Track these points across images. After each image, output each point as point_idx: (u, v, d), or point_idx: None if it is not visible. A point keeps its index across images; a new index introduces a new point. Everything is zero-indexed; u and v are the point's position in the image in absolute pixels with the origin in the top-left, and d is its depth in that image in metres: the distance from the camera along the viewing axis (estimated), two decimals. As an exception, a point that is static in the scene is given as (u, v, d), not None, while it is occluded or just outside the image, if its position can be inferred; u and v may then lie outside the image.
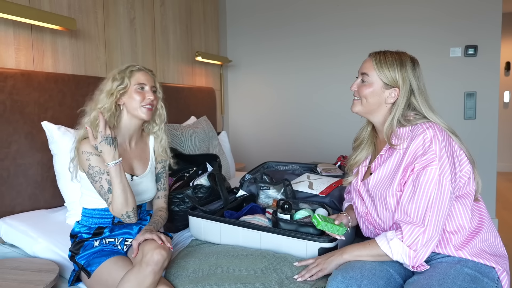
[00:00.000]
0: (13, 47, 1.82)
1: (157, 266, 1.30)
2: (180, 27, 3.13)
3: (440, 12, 3.33)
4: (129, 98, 1.55)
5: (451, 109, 3.38)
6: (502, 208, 4.15)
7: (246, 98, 3.98)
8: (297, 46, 3.76)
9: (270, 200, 1.91)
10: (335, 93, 3.65)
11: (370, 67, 1.38)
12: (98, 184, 1.48)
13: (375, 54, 1.40)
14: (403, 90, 1.35)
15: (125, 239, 1.57)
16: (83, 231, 1.55)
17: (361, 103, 1.40)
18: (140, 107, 1.55)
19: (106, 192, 1.47)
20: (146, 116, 1.56)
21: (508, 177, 5.66)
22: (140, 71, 1.58)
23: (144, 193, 1.63)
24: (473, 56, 3.30)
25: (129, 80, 1.54)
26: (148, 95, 1.56)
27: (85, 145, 1.48)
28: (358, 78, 1.42)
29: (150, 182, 1.65)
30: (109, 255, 1.48)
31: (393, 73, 1.35)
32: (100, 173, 1.47)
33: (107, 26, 2.38)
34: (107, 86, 1.54)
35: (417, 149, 1.26)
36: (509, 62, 5.97)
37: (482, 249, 1.29)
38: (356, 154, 1.51)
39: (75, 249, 1.52)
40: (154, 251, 1.31)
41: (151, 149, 1.69)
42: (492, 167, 3.35)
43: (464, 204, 1.31)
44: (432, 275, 1.22)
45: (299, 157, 3.70)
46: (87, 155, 1.47)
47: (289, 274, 1.37)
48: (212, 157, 2.21)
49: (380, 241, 1.28)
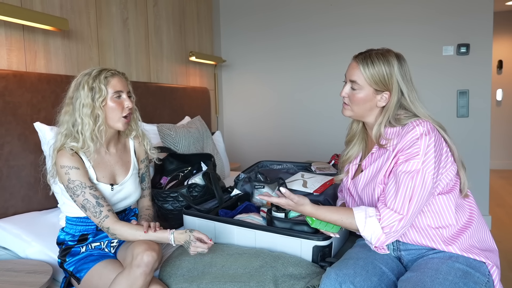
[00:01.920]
0: (5, 48, 1.81)
1: (147, 267, 1.29)
2: (173, 27, 3.13)
3: (433, 10, 3.35)
4: (107, 108, 1.45)
5: (444, 107, 3.40)
6: (495, 205, 4.18)
7: (241, 98, 3.99)
8: (291, 46, 3.76)
9: (264, 199, 1.92)
10: (329, 92, 3.67)
11: (358, 74, 1.34)
12: (81, 198, 1.40)
13: (361, 59, 1.34)
14: (393, 92, 1.33)
15: (110, 241, 1.55)
16: (68, 239, 1.52)
17: (352, 109, 1.39)
18: (119, 118, 1.47)
19: (95, 205, 1.40)
20: (123, 128, 1.49)
21: (501, 175, 5.71)
22: (115, 76, 1.47)
23: (126, 198, 1.57)
24: (466, 54, 3.32)
25: (106, 88, 1.44)
26: (126, 103, 1.47)
27: (63, 159, 1.41)
28: (347, 84, 1.39)
29: (133, 185, 1.59)
30: (97, 259, 1.46)
31: (382, 77, 1.32)
32: (82, 187, 1.40)
33: (100, 26, 2.37)
34: (84, 99, 1.42)
35: (404, 144, 1.27)
36: (501, 61, 6.01)
37: (471, 244, 1.30)
38: (348, 149, 1.51)
39: (62, 256, 1.51)
40: (144, 253, 1.30)
41: (132, 151, 1.63)
42: (485, 165, 3.38)
43: (449, 200, 1.31)
44: (424, 271, 1.23)
45: (294, 156, 3.71)
46: (66, 169, 1.40)
47: (284, 272, 1.37)
48: (206, 157, 2.21)
49: (358, 214, 1.28)
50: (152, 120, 2.65)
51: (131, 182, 1.58)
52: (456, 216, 1.31)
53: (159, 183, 2.09)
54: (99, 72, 1.45)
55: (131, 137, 1.63)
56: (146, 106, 2.67)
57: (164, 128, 2.35)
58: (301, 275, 1.37)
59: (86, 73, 1.47)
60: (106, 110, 1.45)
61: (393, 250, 1.40)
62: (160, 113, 2.81)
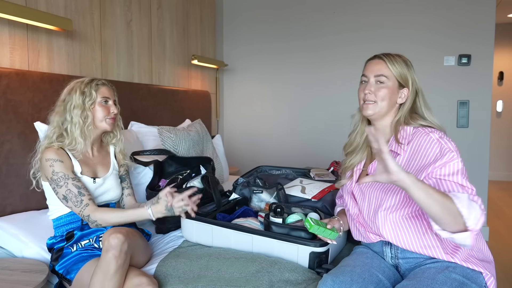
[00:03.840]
0: (8, 46, 1.82)
1: (115, 250, 1.32)
2: (176, 30, 3.14)
3: (435, 21, 3.37)
4: (95, 110, 1.62)
5: (444, 117, 3.40)
6: (494, 217, 4.18)
7: (241, 102, 3.99)
8: (293, 51, 3.78)
9: (262, 203, 1.92)
10: (330, 99, 3.68)
11: (384, 68, 1.39)
12: (64, 189, 1.51)
13: (385, 55, 1.42)
14: (412, 90, 1.40)
15: (99, 235, 1.59)
16: (56, 241, 1.57)
17: (377, 106, 1.39)
18: (105, 119, 1.63)
19: (77, 195, 1.51)
20: (109, 127, 1.65)
21: (499, 186, 5.70)
22: (104, 85, 1.65)
23: (108, 191, 1.67)
24: (467, 65, 3.33)
25: (96, 93, 1.61)
26: (112, 108, 1.65)
27: (49, 153, 1.53)
28: (369, 80, 1.41)
29: (114, 181, 1.70)
30: (86, 259, 1.49)
31: (403, 73, 1.39)
32: (65, 178, 1.51)
33: (103, 27, 2.38)
34: (75, 101, 1.58)
35: (428, 153, 1.27)
36: (502, 72, 6.03)
37: (470, 254, 1.30)
38: (350, 158, 1.52)
39: (54, 260, 1.53)
40: (110, 236, 1.34)
41: (112, 156, 1.76)
42: (484, 176, 3.38)
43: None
44: (420, 280, 1.22)
45: (293, 162, 3.71)
46: (50, 162, 1.51)
47: (280, 278, 1.37)
48: (206, 160, 2.21)
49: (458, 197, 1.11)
50: (152, 122, 2.66)
51: (112, 178, 1.70)
52: None
53: (157, 185, 2.09)
54: (91, 80, 1.64)
55: (112, 142, 1.77)
56: (147, 108, 2.67)
57: (164, 131, 2.35)
58: (297, 281, 1.37)
59: (79, 80, 1.64)
60: (94, 112, 1.62)
61: (391, 258, 1.39)
62: (160, 115, 2.82)
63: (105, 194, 1.66)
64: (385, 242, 1.40)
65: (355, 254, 1.45)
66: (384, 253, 1.41)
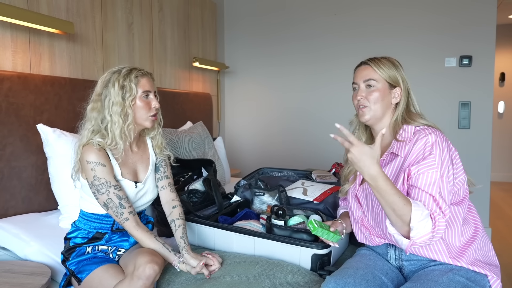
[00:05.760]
0: (10, 49, 1.83)
1: (148, 280, 1.29)
2: (178, 32, 3.15)
3: (436, 22, 3.37)
4: (136, 107, 1.48)
5: (445, 118, 3.40)
6: (496, 218, 4.17)
7: (243, 104, 4.00)
8: (294, 53, 3.78)
9: (264, 206, 1.92)
10: (332, 100, 3.67)
11: (371, 72, 1.40)
12: (105, 197, 1.42)
13: (370, 60, 1.43)
14: (403, 88, 1.41)
15: (118, 248, 1.54)
16: (80, 235, 1.51)
17: (370, 109, 1.40)
18: (148, 117, 1.50)
19: (118, 206, 1.43)
20: (151, 125, 1.53)
21: (501, 187, 5.69)
22: (144, 76, 1.50)
23: (146, 193, 1.58)
24: (468, 66, 3.33)
25: (136, 88, 1.46)
26: (153, 103, 1.50)
27: (90, 154, 1.41)
28: (360, 87, 1.43)
29: (152, 182, 1.60)
30: (100, 262, 1.45)
31: (392, 72, 1.40)
32: (107, 185, 1.42)
33: (105, 30, 2.39)
34: (114, 97, 1.44)
35: (418, 152, 1.27)
36: (504, 73, 6.03)
37: (476, 258, 1.30)
38: (349, 165, 1.52)
39: (67, 254, 1.49)
40: (146, 265, 1.29)
41: (150, 148, 1.64)
42: (486, 177, 3.37)
43: (458, 212, 1.32)
44: (424, 282, 1.22)
45: (294, 163, 3.70)
46: (92, 165, 1.41)
47: (282, 280, 1.37)
48: (207, 162, 2.21)
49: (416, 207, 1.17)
50: (154, 124, 2.66)
51: (151, 178, 1.60)
52: (462, 229, 1.31)
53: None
54: (129, 71, 1.47)
55: (150, 136, 1.64)
56: (148, 110, 2.67)
57: (166, 133, 2.35)
58: (300, 283, 1.37)
59: (116, 71, 1.48)
60: (135, 109, 1.47)
61: (395, 260, 1.39)
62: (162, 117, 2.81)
63: (143, 197, 1.58)
64: (389, 244, 1.40)
65: (358, 256, 1.45)
66: (388, 254, 1.40)
